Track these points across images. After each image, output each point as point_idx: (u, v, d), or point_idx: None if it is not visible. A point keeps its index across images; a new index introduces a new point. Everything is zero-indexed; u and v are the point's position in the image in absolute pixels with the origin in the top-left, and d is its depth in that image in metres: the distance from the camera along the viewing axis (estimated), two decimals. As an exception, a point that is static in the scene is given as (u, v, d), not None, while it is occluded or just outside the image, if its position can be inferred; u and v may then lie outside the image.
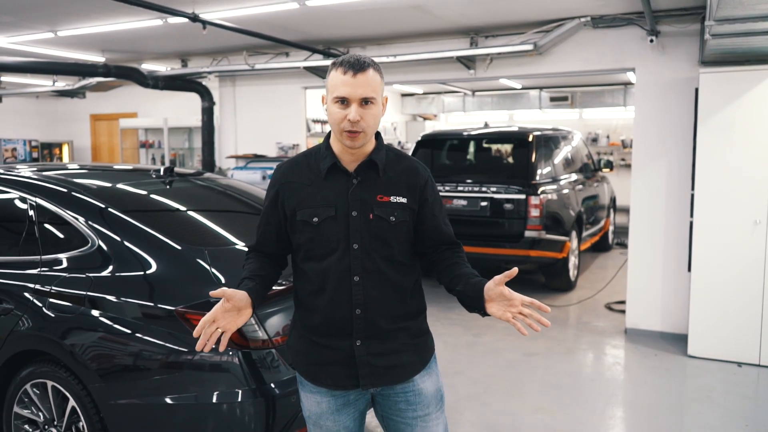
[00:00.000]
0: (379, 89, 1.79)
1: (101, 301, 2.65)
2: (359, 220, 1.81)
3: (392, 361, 1.87)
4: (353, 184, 1.83)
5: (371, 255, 1.82)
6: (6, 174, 3.28)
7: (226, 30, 5.48)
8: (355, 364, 1.84)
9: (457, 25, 5.71)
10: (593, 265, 8.26)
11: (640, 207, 5.34)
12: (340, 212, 1.81)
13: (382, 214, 1.83)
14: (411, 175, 1.90)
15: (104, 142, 11.98)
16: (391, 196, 1.84)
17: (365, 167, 1.85)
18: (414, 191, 1.88)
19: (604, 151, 13.02)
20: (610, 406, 4.04)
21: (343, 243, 1.81)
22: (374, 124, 1.79)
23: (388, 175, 1.87)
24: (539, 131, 7.04)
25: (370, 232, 1.82)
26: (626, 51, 5.30)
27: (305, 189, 1.85)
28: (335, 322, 1.84)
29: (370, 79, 1.75)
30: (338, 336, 1.85)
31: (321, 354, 1.88)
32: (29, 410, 2.84)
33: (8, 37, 6.38)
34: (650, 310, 5.34)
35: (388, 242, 1.84)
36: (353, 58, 1.77)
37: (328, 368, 1.87)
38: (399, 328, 1.88)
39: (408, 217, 1.86)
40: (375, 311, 1.83)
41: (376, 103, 1.77)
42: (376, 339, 1.85)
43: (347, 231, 1.81)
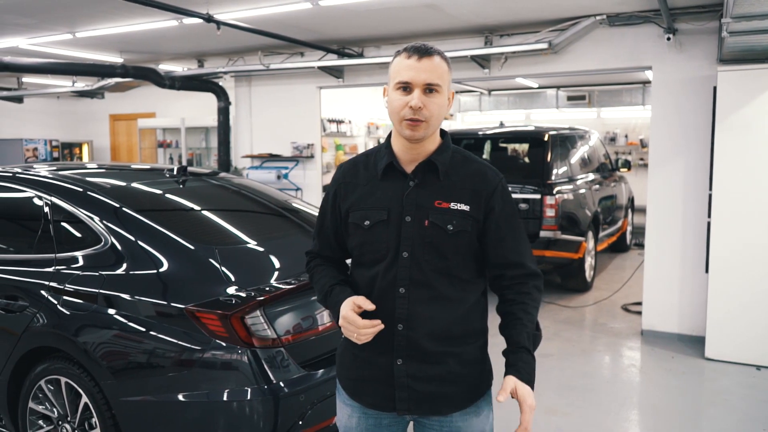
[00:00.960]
0: (446, 78, 1.64)
1: (113, 299, 2.68)
2: (412, 226, 1.65)
3: (434, 388, 1.68)
4: (410, 186, 1.67)
5: (421, 265, 1.65)
6: (23, 173, 3.34)
7: (241, 30, 5.51)
8: (394, 385, 1.69)
9: (471, 24, 5.68)
10: (610, 265, 8.17)
11: (656, 207, 5.27)
12: (393, 216, 1.66)
13: (439, 222, 1.65)
14: (478, 180, 1.69)
15: (123, 142, 12.12)
16: (451, 203, 1.66)
17: (424, 169, 1.68)
18: (479, 198, 1.67)
19: (622, 150, 12.90)
20: (625, 409, 4.00)
21: (392, 250, 1.66)
22: (438, 115, 1.63)
23: (451, 179, 1.68)
24: (555, 131, 6.99)
25: (424, 240, 1.65)
26: (643, 49, 5.23)
27: (360, 190, 1.73)
28: (377, 338, 1.66)
29: (436, 65, 1.61)
30: (379, 352, 1.69)
31: (361, 369, 1.75)
32: (43, 406, 2.88)
33: (28, 39, 6.48)
34: (667, 311, 5.27)
35: (444, 253, 1.65)
36: (419, 43, 1.64)
37: (366, 385, 1.74)
38: (447, 352, 1.68)
39: (469, 227, 1.66)
40: (419, 329, 1.66)
41: (441, 92, 1.62)
42: (419, 360, 1.67)
43: (398, 237, 1.66)
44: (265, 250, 3.02)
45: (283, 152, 7.71)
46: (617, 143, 12.92)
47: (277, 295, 2.60)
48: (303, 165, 7.69)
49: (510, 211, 1.71)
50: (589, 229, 6.83)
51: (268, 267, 2.91)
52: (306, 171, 7.69)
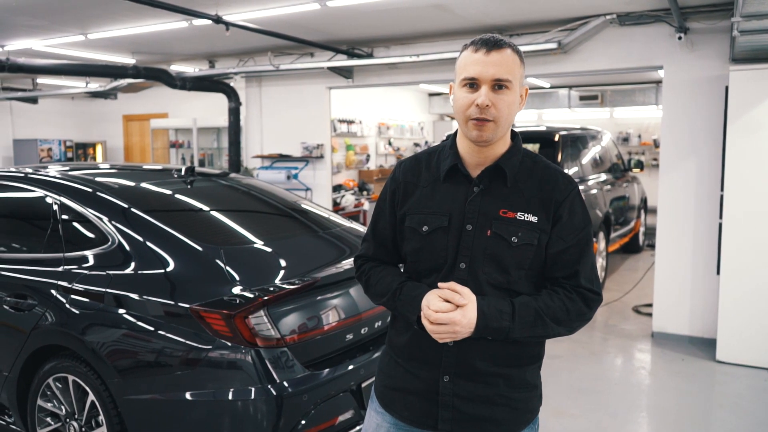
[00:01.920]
0: (517, 73, 1.50)
1: (120, 299, 2.70)
2: (474, 235, 1.53)
3: (482, 411, 1.56)
4: (473, 192, 1.55)
5: (479, 279, 1.53)
6: (34, 174, 3.38)
7: (250, 31, 5.54)
8: (437, 402, 1.57)
9: (480, 24, 5.66)
10: (622, 266, 8.11)
11: (667, 208, 5.22)
12: (454, 223, 1.54)
13: (503, 233, 1.52)
14: (548, 188, 1.55)
15: (136, 142, 12.23)
16: (518, 212, 1.53)
17: (491, 173, 1.55)
18: (548, 208, 1.53)
19: (635, 150, 12.80)
20: (634, 411, 3.96)
21: (450, 260, 1.55)
22: (508, 114, 1.49)
23: (519, 186, 1.55)
24: (566, 131, 6.95)
25: (485, 251, 1.53)
26: (654, 48, 5.19)
27: (420, 192, 1.60)
28: (424, 349, 1.57)
29: (507, 59, 1.47)
30: (425, 365, 1.59)
31: (403, 379, 1.63)
32: (52, 403, 2.91)
33: (41, 40, 6.55)
34: (678, 313, 5.22)
35: (504, 267, 1.53)
36: (489, 35, 1.50)
37: (406, 397, 1.62)
38: (499, 373, 1.56)
39: (536, 240, 1.53)
40: (471, 347, 1.54)
41: (511, 89, 1.48)
42: (468, 380, 1.56)
43: (457, 246, 1.54)
44: (271, 250, 3.03)
45: (293, 152, 7.73)
46: (630, 143, 12.83)
47: (282, 294, 2.60)
48: (313, 165, 7.71)
49: (580, 224, 1.56)
50: (600, 229, 6.78)
51: (274, 267, 2.92)
52: (316, 171, 7.71)
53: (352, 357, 2.80)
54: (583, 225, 1.58)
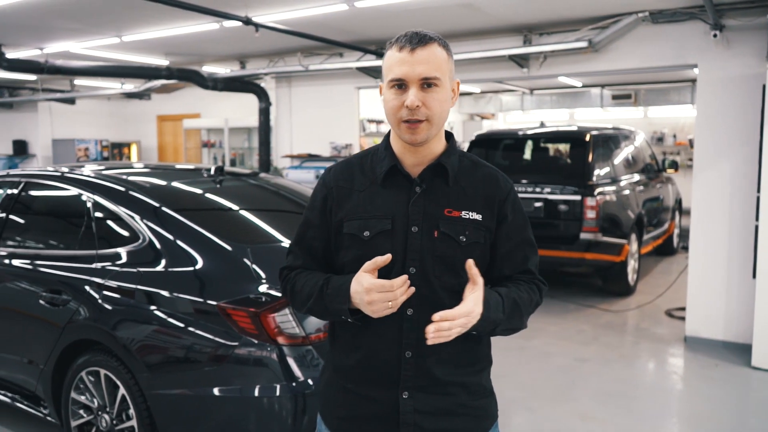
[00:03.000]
0: (446, 68, 1.43)
1: (151, 295, 2.76)
2: (420, 237, 1.46)
3: (443, 424, 1.50)
4: (416, 192, 1.48)
5: (431, 282, 1.46)
6: (69, 173, 3.47)
7: (279, 32, 5.60)
8: (398, 422, 1.48)
9: (510, 23, 5.62)
10: (656, 269, 7.95)
11: (702, 209, 5.11)
12: (398, 226, 1.46)
13: (450, 232, 1.47)
14: (489, 185, 1.53)
15: (169, 142, 12.46)
16: (462, 211, 1.48)
17: (432, 172, 1.50)
18: (492, 206, 1.51)
19: (670, 150, 12.54)
20: (664, 418, 3.89)
21: (398, 265, 1.45)
22: (440, 112, 1.43)
23: (461, 184, 1.51)
24: (597, 130, 6.85)
25: (434, 253, 1.46)
26: (688, 46, 5.08)
27: (357, 196, 1.51)
28: (378, 366, 1.48)
29: (434, 55, 1.40)
30: (380, 384, 1.49)
31: (356, 407, 1.52)
32: (84, 396, 2.99)
33: (78, 43, 6.73)
34: (712, 317, 5.09)
35: (455, 268, 1.46)
36: (413, 31, 1.43)
37: (363, 426, 1.51)
38: (456, 382, 1.51)
39: (482, 238, 1.50)
40: (431, 355, 1.46)
41: (441, 86, 1.42)
42: (428, 392, 1.49)
43: (404, 250, 1.46)
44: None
45: (321, 152, 7.79)
46: (665, 143, 12.58)
47: (307, 293, 2.62)
48: (341, 165, 7.75)
49: (522, 222, 1.56)
50: (632, 231, 6.66)
51: (300, 266, 2.94)
52: (344, 171, 7.75)
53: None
54: (526, 221, 1.58)
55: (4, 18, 5.51)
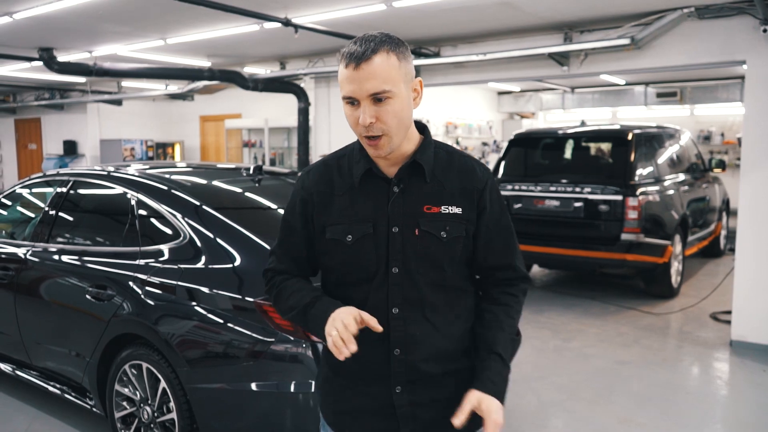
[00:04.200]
0: (397, 76, 1.38)
1: (191, 291, 2.83)
2: (401, 237, 1.46)
3: (441, 414, 1.49)
4: (394, 192, 1.47)
5: (415, 280, 1.47)
6: (115, 172, 3.59)
7: (317, 33, 5.66)
8: (396, 416, 1.50)
9: (549, 21, 5.55)
10: (701, 271, 7.73)
11: (749, 210, 4.95)
12: (379, 228, 1.47)
13: (431, 229, 1.47)
14: (466, 177, 1.51)
15: (212, 142, 12.72)
16: (441, 206, 1.48)
17: (408, 171, 1.49)
18: (471, 198, 1.50)
19: (717, 149, 12.17)
20: (707, 424, 3.78)
21: (382, 267, 1.47)
22: (397, 122, 1.40)
23: (438, 179, 1.50)
24: (640, 129, 6.70)
25: (416, 251, 1.47)
26: (736, 42, 4.92)
27: (337, 200, 1.50)
28: (369, 365, 1.50)
29: (380, 67, 1.35)
30: (372, 380, 1.51)
31: (353, 400, 1.54)
32: (128, 389, 3.08)
33: (125, 46, 6.94)
34: (759, 321, 4.93)
35: (439, 264, 1.48)
36: (357, 41, 1.38)
37: (360, 418, 1.53)
38: (450, 371, 1.52)
39: (463, 231, 1.49)
40: (418, 352, 1.48)
41: (395, 96, 1.38)
42: (421, 385, 1.50)
43: (387, 252, 1.46)
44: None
45: (359, 152, 7.82)
46: (712, 142, 12.21)
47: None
48: (379, 164, 7.78)
49: (499, 210, 1.55)
50: (676, 232, 6.50)
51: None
52: (382, 170, 7.77)
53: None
54: (504, 210, 1.57)
55: (55, 23, 5.73)
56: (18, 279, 3.62)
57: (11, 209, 4.24)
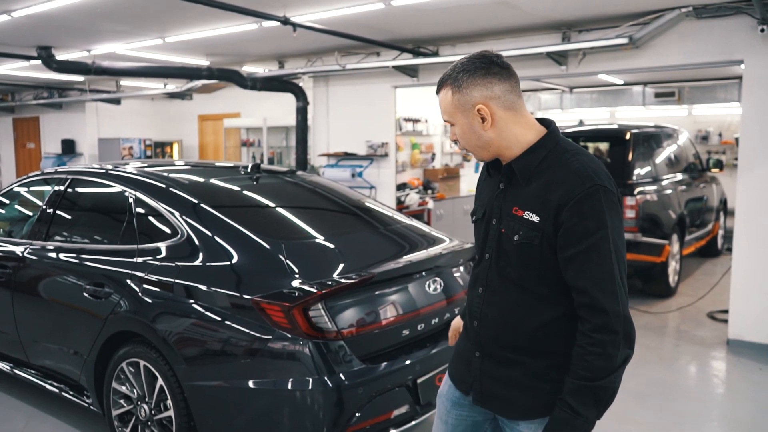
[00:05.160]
0: (453, 108, 1.62)
1: (188, 289, 2.83)
2: (496, 229, 1.65)
3: (502, 390, 1.68)
4: (500, 188, 1.67)
5: (498, 270, 1.65)
6: (114, 170, 3.59)
7: (316, 32, 5.65)
8: (470, 372, 1.76)
9: (547, 20, 5.55)
10: (698, 271, 7.74)
11: (746, 209, 4.96)
12: (486, 216, 1.69)
13: (508, 230, 1.61)
14: (555, 188, 1.52)
15: (210, 141, 12.71)
16: (525, 211, 1.57)
17: (508, 172, 1.64)
18: (549, 209, 1.52)
19: (715, 149, 12.18)
20: (705, 422, 3.79)
21: (481, 249, 1.72)
22: (469, 140, 1.64)
23: (533, 184, 1.57)
24: (638, 129, 6.71)
25: (499, 246, 1.64)
26: (733, 42, 4.92)
27: (481, 185, 1.81)
28: (467, 323, 1.82)
29: (443, 101, 1.65)
30: (468, 339, 1.80)
31: (460, 341, 1.88)
32: (125, 386, 3.08)
33: (124, 44, 6.93)
34: (756, 320, 4.94)
35: (513, 263, 1.61)
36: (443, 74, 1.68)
37: (455, 360, 1.88)
38: (514, 360, 1.65)
39: (537, 240, 1.54)
40: (488, 330, 1.69)
41: (458, 122, 1.63)
42: (491, 359, 1.70)
43: (486, 237, 1.69)
44: (332, 245, 3.09)
45: (358, 151, 7.83)
46: (710, 142, 12.22)
47: (339, 288, 2.66)
48: (377, 163, 7.78)
49: (587, 225, 1.47)
50: (673, 231, 6.51)
51: (333, 262, 2.98)
52: (380, 169, 7.77)
53: (408, 353, 2.83)
54: (592, 231, 1.47)
55: (54, 21, 5.72)
56: (15, 277, 3.62)
57: (9, 207, 4.24)
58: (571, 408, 1.50)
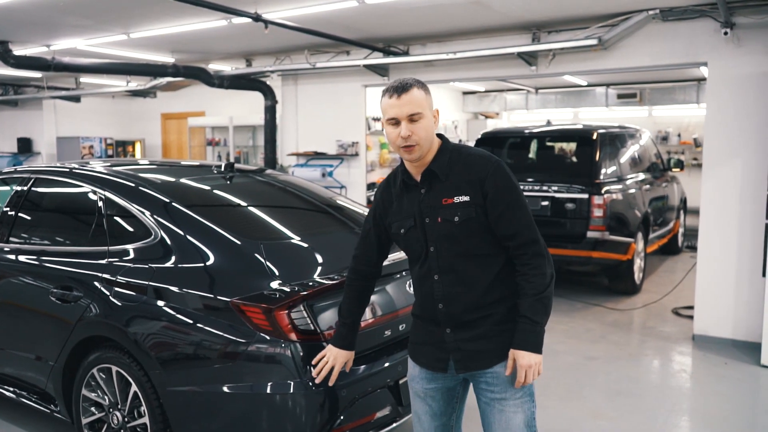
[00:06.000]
0: (425, 104, 1.96)
1: (163, 291, 2.75)
2: (431, 225, 2.00)
3: (480, 346, 2.03)
4: (422, 193, 2.03)
5: (445, 255, 2.00)
6: (79, 169, 3.46)
7: (288, 29, 5.58)
8: (446, 349, 2.06)
9: (519, 21, 5.60)
10: (661, 268, 7.94)
11: (711, 208, 5.09)
12: (418, 221, 2.02)
13: (447, 216, 1.98)
14: (472, 171, 2.00)
15: (174, 140, 12.46)
16: (454, 197, 1.98)
17: (428, 176, 2.02)
18: (475, 186, 1.97)
19: (675, 149, 12.51)
20: (675, 415, 3.87)
21: (424, 247, 2.04)
22: (426, 135, 1.96)
23: (450, 178, 2.00)
24: (604, 129, 6.83)
25: (441, 234, 1.99)
26: (698, 44, 5.06)
27: (393, 205, 2.11)
28: (429, 313, 2.09)
29: (414, 97, 1.94)
30: (432, 324, 2.09)
31: (420, 334, 2.16)
32: (96, 393, 2.97)
33: (86, 40, 6.72)
34: (721, 316, 5.08)
35: (459, 240, 1.98)
36: (397, 82, 1.97)
37: (423, 348, 2.14)
38: (481, 317, 2.02)
39: (473, 212, 1.97)
40: (455, 305, 2.02)
41: (424, 117, 1.95)
42: (463, 328, 2.04)
43: (425, 236, 2.02)
44: (310, 245, 3.04)
45: (328, 150, 7.77)
46: (669, 142, 12.55)
47: (321, 290, 2.62)
48: (348, 163, 7.74)
49: (503, 188, 1.97)
50: (638, 230, 6.65)
51: (312, 262, 2.93)
52: (351, 169, 7.74)
53: (390, 353, 2.80)
54: (510, 187, 1.98)
55: (11, 15, 5.51)
56: (-24, 281, 3.46)
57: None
58: (530, 319, 1.97)
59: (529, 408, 2.07)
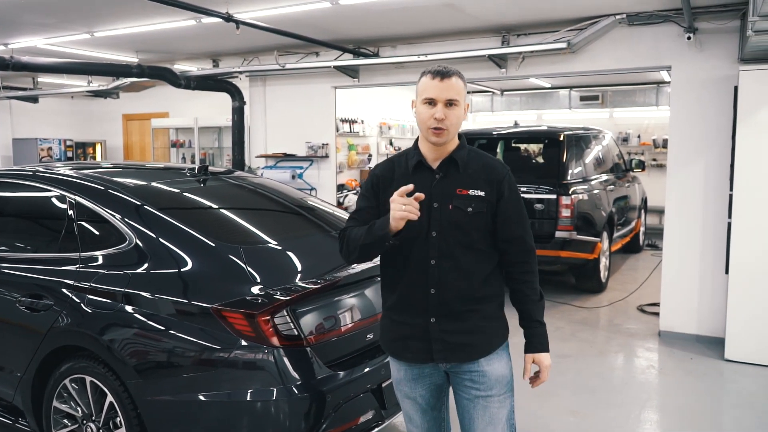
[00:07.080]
0: (462, 94, 2.03)
1: (138, 298, 2.68)
2: (440, 210, 2.03)
3: (463, 339, 2.06)
4: (436, 178, 2.06)
5: (448, 241, 2.03)
6: (46, 172, 3.35)
7: (258, 29, 5.51)
8: (429, 339, 2.06)
9: (490, 24, 5.66)
10: (624, 266, 8.13)
11: (675, 208, 5.24)
12: (424, 203, 1.98)
13: (461, 205, 2.03)
14: (490, 171, 2.09)
15: (136, 142, 12.17)
16: (470, 190, 2.04)
17: (447, 164, 2.07)
18: (492, 185, 2.06)
19: (635, 150, 12.80)
20: (645, 410, 3.97)
21: (424, 230, 2.03)
22: (457, 123, 2.03)
23: (468, 171, 2.07)
24: (570, 130, 6.96)
25: (449, 220, 2.03)
26: (662, 49, 5.20)
27: (395, 183, 2.06)
28: (412, 301, 2.07)
29: (455, 84, 2.00)
30: (414, 313, 2.07)
31: (399, 330, 2.12)
32: (68, 405, 2.88)
33: (45, 39, 6.51)
34: (685, 312, 5.23)
35: (466, 230, 2.03)
36: (441, 66, 2.03)
37: (406, 342, 2.11)
38: (471, 309, 2.06)
39: (485, 208, 2.04)
40: (448, 292, 2.04)
41: (459, 105, 2.01)
42: (449, 318, 2.05)
43: (429, 220, 2.03)
44: (289, 249, 3.01)
45: (297, 152, 7.71)
46: (630, 143, 12.84)
47: (303, 294, 2.59)
48: (317, 165, 7.69)
49: (515, 197, 2.09)
50: (604, 229, 6.79)
51: (293, 266, 2.90)
52: (321, 171, 7.69)
53: (373, 357, 2.79)
54: (519, 196, 2.11)
55: (-33, 12, 5.31)
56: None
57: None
58: (541, 323, 2.13)
59: (510, 403, 2.15)
